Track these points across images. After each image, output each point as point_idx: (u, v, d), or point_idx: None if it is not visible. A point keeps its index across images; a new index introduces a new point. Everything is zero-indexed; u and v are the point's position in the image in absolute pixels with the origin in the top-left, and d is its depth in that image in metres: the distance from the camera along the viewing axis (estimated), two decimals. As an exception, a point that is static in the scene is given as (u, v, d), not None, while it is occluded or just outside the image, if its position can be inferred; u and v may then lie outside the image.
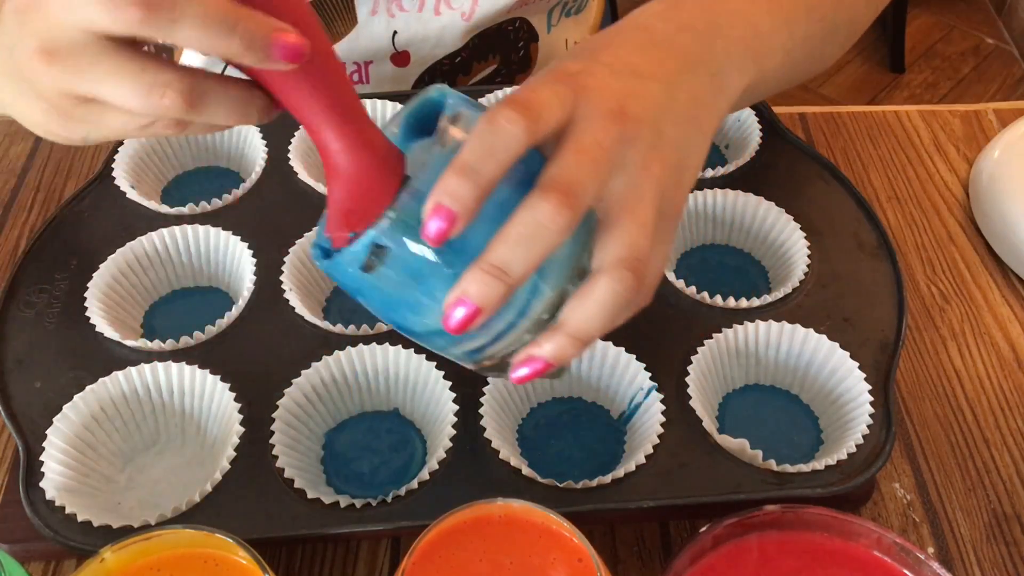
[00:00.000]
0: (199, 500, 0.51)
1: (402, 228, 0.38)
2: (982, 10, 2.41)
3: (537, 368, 0.42)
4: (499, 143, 0.38)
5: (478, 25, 0.76)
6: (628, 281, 0.41)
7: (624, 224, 0.41)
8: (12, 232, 0.70)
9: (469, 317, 0.39)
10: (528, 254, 0.39)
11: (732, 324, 0.58)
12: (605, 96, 0.42)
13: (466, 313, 0.39)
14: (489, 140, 0.38)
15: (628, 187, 0.42)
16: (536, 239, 0.38)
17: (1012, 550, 0.53)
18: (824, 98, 2.17)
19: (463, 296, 0.39)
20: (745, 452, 0.52)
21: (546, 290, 0.41)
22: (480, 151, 0.38)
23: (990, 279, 0.66)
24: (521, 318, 0.41)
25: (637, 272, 0.41)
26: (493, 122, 0.38)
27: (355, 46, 0.76)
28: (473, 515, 0.42)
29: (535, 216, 0.38)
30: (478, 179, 0.37)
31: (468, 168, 0.37)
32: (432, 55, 0.78)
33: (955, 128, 0.77)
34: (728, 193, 0.65)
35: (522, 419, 0.57)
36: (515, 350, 0.42)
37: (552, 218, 0.38)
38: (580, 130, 0.41)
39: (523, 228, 0.38)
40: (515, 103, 0.39)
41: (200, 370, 0.56)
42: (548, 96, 0.40)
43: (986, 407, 0.60)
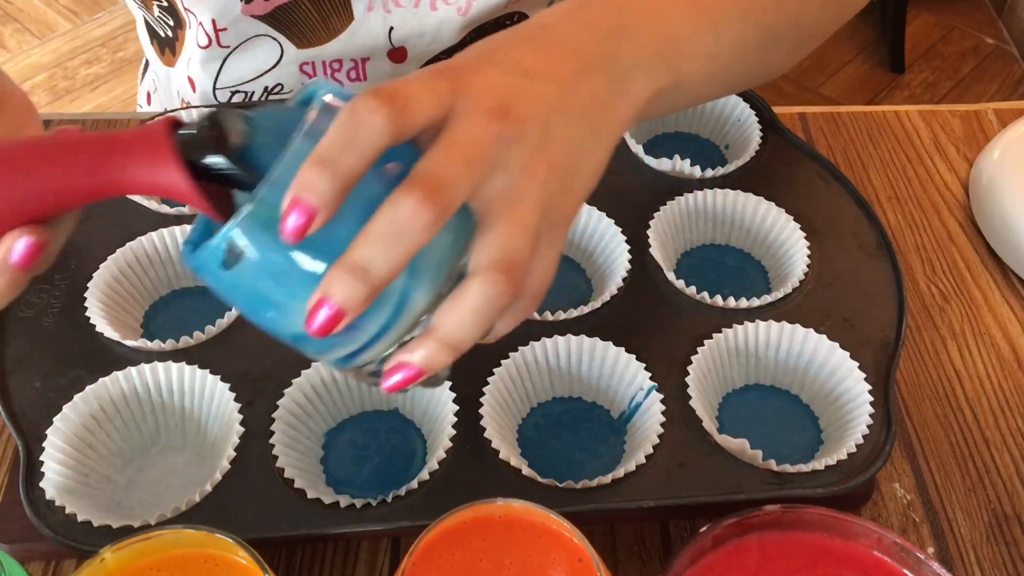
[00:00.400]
0: (199, 500, 0.51)
1: (260, 223, 0.36)
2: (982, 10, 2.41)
3: (408, 376, 0.40)
4: (360, 134, 0.36)
5: (475, 20, 0.76)
6: (501, 284, 0.39)
7: (500, 225, 0.40)
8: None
9: (331, 320, 0.37)
10: (391, 253, 0.37)
11: (732, 324, 0.58)
12: (488, 93, 0.40)
13: (328, 315, 0.37)
14: (349, 130, 0.36)
15: (508, 187, 0.40)
16: (399, 237, 0.36)
17: (1012, 550, 0.53)
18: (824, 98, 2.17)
19: (325, 297, 0.37)
20: (745, 452, 0.52)
21: (416, 294, 0.39)
22: (339, 142, 0.36)
23: (990, 279, 0.66)
24: (392, 323, 0.39)
25: (512, 275, 0.39)
26: (354, 112, 0.36)
27: (351, 43, 0.76)
28: (473, 515, 0.42)
29: (397, 212, 0.36)
30: (336, 171, 0.36)
31: (326, 160, 0.35)
32: (429, 51, 0.78)
33: (955, 128, 0.77)
34: (728, 193, 0.65)
35: (522, 419, 0.57)
36: (388, 357, 0.41)
37: (415, 214, 0.36)
38: (456, 126, 0.39)
39: (385, 225, 0.37)
40: (379, 93, 0.37)
41: (200, 370, 0.56)
42: (420, 88, 0.38)
43: (986, 407, 0.60)
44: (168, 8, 0.77)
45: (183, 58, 0.80)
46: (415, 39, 0.76)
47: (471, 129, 0.39)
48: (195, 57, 0.78)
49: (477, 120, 0.39)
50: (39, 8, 2.45)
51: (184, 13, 0.76)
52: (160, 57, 0.84)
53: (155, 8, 0.78)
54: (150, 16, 0.81)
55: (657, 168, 0.68)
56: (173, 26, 0.79)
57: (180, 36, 0.79)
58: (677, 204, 0.64)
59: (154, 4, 0.77)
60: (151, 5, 0.78)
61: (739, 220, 0.65)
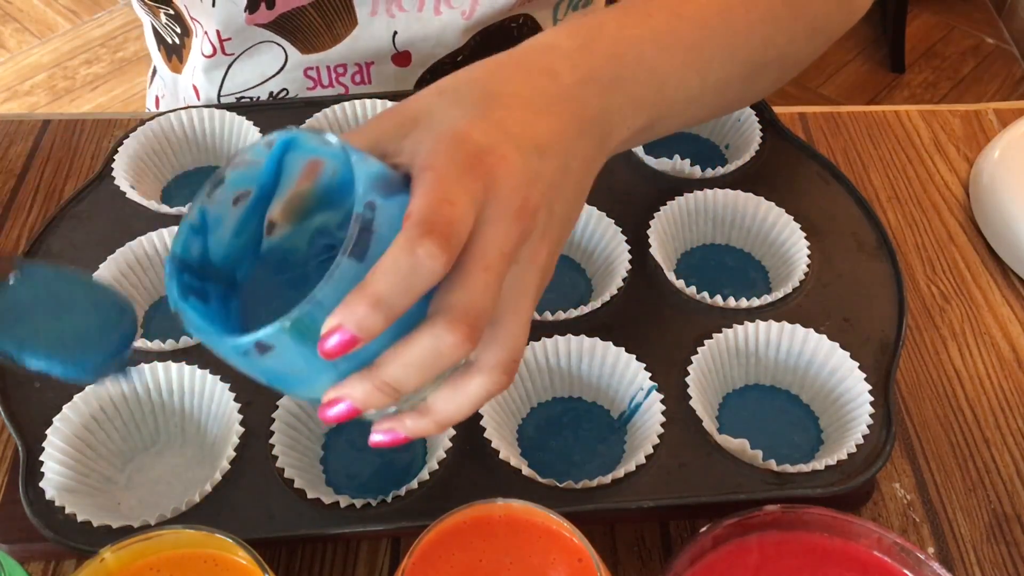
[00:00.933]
0: (199, 500, 0.51)
1: (294, 334, 0.37)
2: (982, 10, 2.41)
3: (396, 439, 0.42)
4: (417, 280, 0.37)
5: (479, 23, 0.76)
6: (503, 383, 0.41)
7: (508, 325, 0.41)
8: (12, 232, 0.70)
9: (347, 415, 0.39)
10: (422, 377, 0.39)
11: (732, 324, 0.58)
12: (513, 190, 0.41)
13: (344, 411, 0.39)
14: (407, 275, 0.36)
15: (516, 282, 0.41)
16: (433, 366, 0.38)
17: (1012, 550, 0.53)
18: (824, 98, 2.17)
19: (346, 397, 0.39)
20: (745, 452, 0.52)
21: None
22: (396, 284, 0.36)
23: (990, 279, 0.66)
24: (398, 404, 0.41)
25: (512, 372, 0.41)
26: (413, 254, 0.36)
27: (355, 47, 0.76)
28: (473, 515, 0.42)
29: (437, 346, 0.38)
30: (388, 312, 0.36)
31: (380, 300, 0.36)
32: (433, 54, 0.78)
33: (955, 128, 0.77)
34: (728, 193, 0.65)
35: (522, 419, 0.57)
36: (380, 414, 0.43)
37: (454, 350, 0.38)
38: (488, 239, 0.39)
39: (423, 355, 0.38)
40: (436, 231, 0.37)
41: (200, 370, 0.55)
42: (465, 207, 0.38)
43: (986, 407, 0.60)
44: (175, 16, 0.77)
45: (189, 66, 0.80)
46: (419, 43, 0.76)
47: (501, 242, 0.40)
48: (199, 66, 0.78)
49: (505, 229, 0.40)
50: (39, 8, 2.45)
51: (190, 22, 0.76)
52: (167, 63, 0.84)
53: (162, 15, 0.78)
54: (158, 23, 0.81)
55: (657, 168, 0.68)
56: (180, 33, 0.79)
57: (187, 44, 0.79)
58: (677, 204, 0.64)
59: (161, 12, 0.77)
60: (158, 12, 0.78)
61: (739, 220, 0.65)
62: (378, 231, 0.37)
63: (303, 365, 0.39)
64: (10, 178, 0.74)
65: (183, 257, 0.41)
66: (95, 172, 0.68)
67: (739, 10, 0.55)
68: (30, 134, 0.77)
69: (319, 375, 0.39)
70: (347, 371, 0.39)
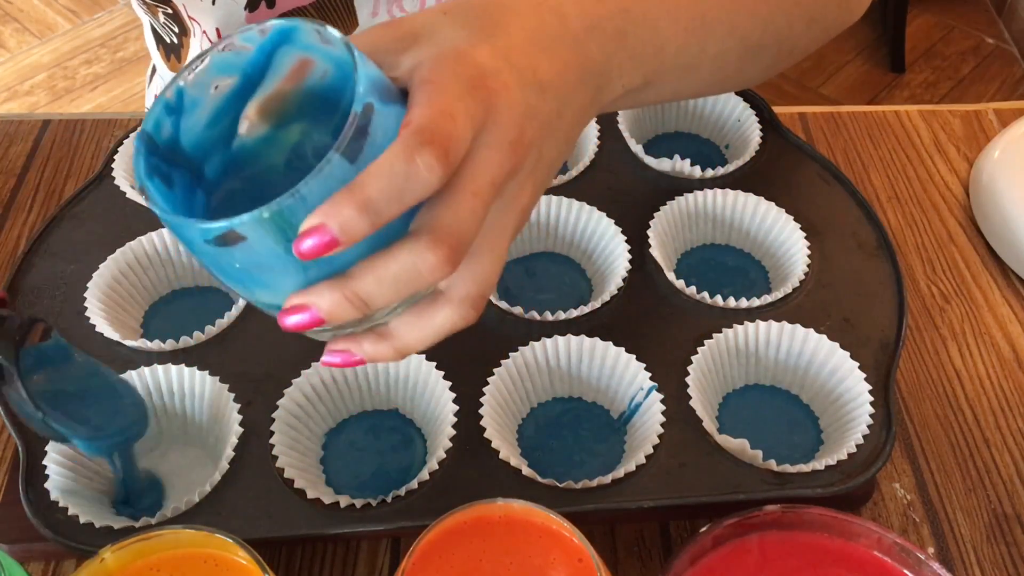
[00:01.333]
0: (199, 500, 0.51)
1: (271, 227, 0.35)
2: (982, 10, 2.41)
3: (351, 361, 0.41)
4: (411, 188, 0.35)
5: None
6: (470, 318, 0.41)
7: (483, 259, 0.40)
8: (12, 232, 0.70)
9: (308, 324, 0.38)
10: (395, 295, 0.38)
11: (732, 324, 0.58)
12: (512, 120, 0.40)
13: (307, 320, 0.37)
14: (401, 181, 0.35)
15: (496, 217, 0.41)
16: (409, 284, 0.37)
17: (1012, 550, 0.53)
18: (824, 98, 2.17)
19: (310, 305, 0.37)
20: (745, 452, 0.52)
21: None
22: (388, 190, 0.35)
23: (990, 279, 0.66)
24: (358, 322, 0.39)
25: (480, 308, 0.41)
26: (411, 161, 0.35)
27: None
28: (473, 515, 0.42)
29: (416, 263, 0.37)
30: (375, 218, 0.35)
31: (368, 203, 0.35)
32: None
33: (955, 128, 0.77)
34: (728, 193, 0.65)
35: (522, 419, 0.57)
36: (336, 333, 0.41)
37: (433, 270, 0.37)
38: (481, 164, 0.39)
39: (401, 270, 0.37)
40: (436, 142, 0.36)
41: (200, 372, 0.55)
42: (465, 125, 0.37)
43: (986, 407, 0.60)
44: (173, 16, 0.77)
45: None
46: None
47: (493, 170, 0.39)
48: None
49: (499, 157, 0.39)
50: (39, 8, 2.45)
51: (189, 21, 0.76)
52: (166, 63, 0.84)
53: (160, 15, 0.78)
54: (156, 22, 0.81)
55: (657, 168, 0.68)
56: (178, 33, 0.79)
57: (185, 43, 0.79)
58: (677, 204, 0.64)
59: (159, 11, 0.77)
60: (156, 12, 0.78)
61: (739, 220, 0.65)
62: (372, 135, 0.36)
63: (272, 264, 0.36)
64: (10, 178, 0.74)
65: (152, 135, 0.39)
66: (95, 172, 0.68)
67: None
68: (30, 134, 0.77)
69: (286, 277, 0.37)
70: (315, 279, 0.37)
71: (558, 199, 0.63)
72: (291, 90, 0.40)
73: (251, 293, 0.39)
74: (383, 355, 0.41)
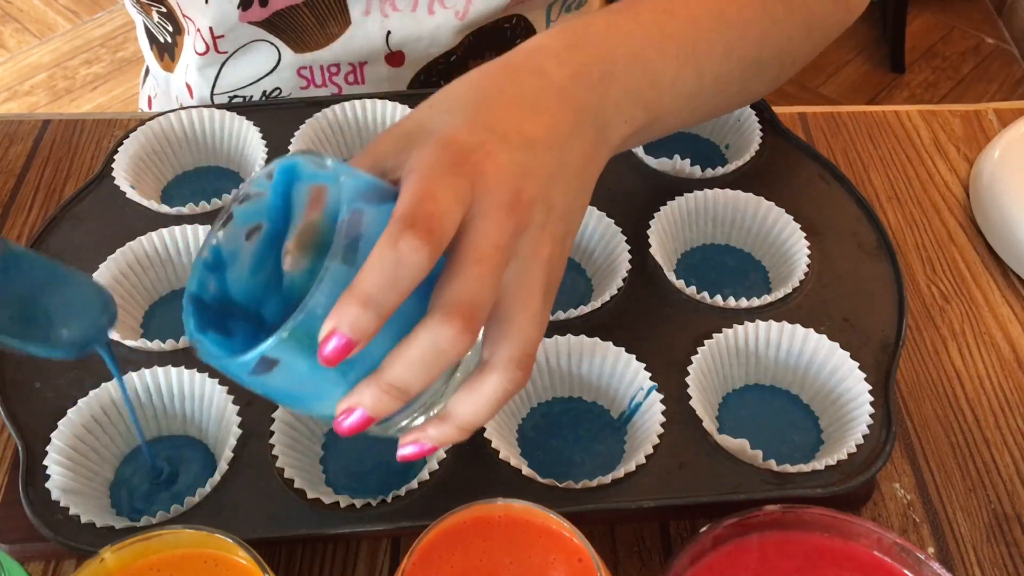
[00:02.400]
0: (199, 500, 0.51)
1: (294, 345, 0.37)
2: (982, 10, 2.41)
3: (424, 450, 0.43)
4: (403, 273, 0.37)
5: (473, 23, 0.76)
6: (519, 379, 0.41)
7: (517, 320, 0.41)
8: (12, 232, 0.70)
9: (361, 424, 0.39)
10: (427, 375, 0.39)
11: (732, 324, 0.58)
12: (502, 184, 0.41)
13: (359, 420, 0.39)
14: (392, 270, 0.37)
15: (520, 276, 0.41)
16: (436, 362, 0.38)
17: (1012, 550, 0.53)
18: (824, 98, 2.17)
19: (357, 405, 0.39)
20: (745, 452, 0.52)
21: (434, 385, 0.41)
22: (382, 281, 0.37)
23: (990, 279, 0.66)
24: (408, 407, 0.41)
25: (527, 368, 0.41)
26: (396, 248, 0.37)
27: (349, 47, 0.76)
28: (473, 515, 0.42)
29: (436, 341, 0.38)
30: (379, 310, 0.36)
31: (369, 298, 0.36)
32: (427, 54, 0.77)
33: (955, 128, 0.77)
34: (728, 193, 0.65)
35: (522, 419, 0.57)
36: (402, 428, 0.43)
37: (453, 343, 0.38)
38: (479, 232, 0.40)
39: (424, 351, 0.38)
40: (418, 225, 0.37)
41: (199, 373, 0.55)
42: (449, 203, 0.39)
43: (986, 407, 0.60)
44: (167, 14, 0.77)
45: (181, 64, 0.80)
46: (413, 43, 0.76)
47: (493, 234, 0.40)
48: (192, 64, 0.77)
49: (496, 221, 0.40)
50: (39, 8, 2.45)
51: (183, 20, 0.76)
52: (159, 62, 0.84)
53: (154, 14, 0.78)
54: (150, 22, 0.81)
55: (657, 168, 0.68)
56: (172, 32, 0.79)
57: (179, 42, 0.79)
58: (677, 204, 0.64)
59: (153, 10, 0.77)
60: (150, 11, 0.78)
61: (739, 220, 0.65)
62: (366, 235, 0.37)
63: (312, 377, 0.38)
64: (10, 178, 0.74)
65: (198, 295, 0.41)
66: (95, 172, 0.68)
67: (732, 8, 0.55)
68: (30, 134, 0.77)
69: (330, 387, 0.39)
70: (356, 380, 0.39)
71: (558, 199, 0.63)
72: (318, 218, 0.42)
73: (309, 408, 0.42)
74: (449, 436, 0.42)
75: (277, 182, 0.41)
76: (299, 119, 0.69)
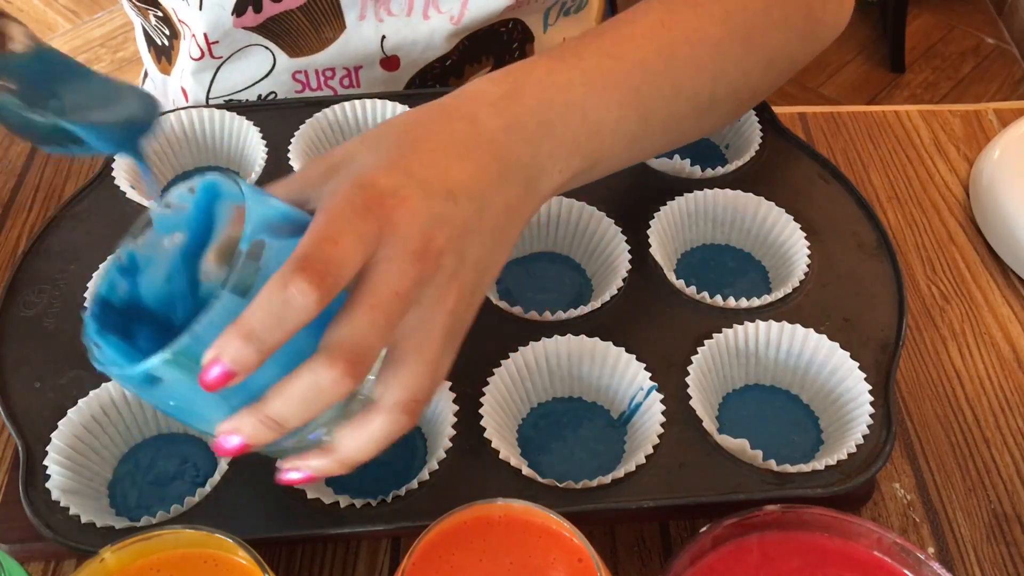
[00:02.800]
0: (199, 500, 0.51)
1: (177, 366, 0.38)
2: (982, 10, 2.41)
3: (302, 478, 0.43)
4: (288, 315, 0.37)
5: (467, 28, 0.76)
6: (404, 423, 0.42)
7: (410, 365, 0.41)
8: (12, 232, 0.70)
9: (238, 449, 0.40)
10: (306, 412, 0.39)
11: (732, 324, 0.58)
12: (412, 231, 0.41)
13: (237, 446, 0.40)
14: (278, 310, 0.37)
15: (421, 323, 0.42)
16: (316, 400, 0.39)
17: (1012, 550, 0.53)
18: (824, 98, 2.17)
19: (236, 432, 0.40)
20: (745, 452, 0.52)
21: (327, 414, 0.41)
22: (268, 320, 0.37)
23: (990, 279, 0.66)
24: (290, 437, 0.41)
25: (413, 413, 0.42)
26: (285, 290, 0.37)
27: (344, 51, 0.76)
28: (473, 515, 0.42)
29: (318, 380, 0.38)
30: (261, 346, 0.37)
31: (252, 334, 0.37)
32: (423, 58, 0.77)
33: (955, 128, 0.77)
34: (728, 193, 0.65)
35: (522, 419, 0.57)
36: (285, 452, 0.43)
37: (335, 385, 0.38)
38: (380, 277, 0.40)
39: (305, 390, 0.39)
40: (312, 268, 0.37)
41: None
42: (350, 247, 0.39)
43: (986, 407, 0.60)
44: (164, 18, 0.77)
45: (178, 68, 0.80)
46: (407, 47, 0.76)
47: (395, 280, 0.40)
48: (188, 68, 0.77)
49: (400, 267, 0.40)
50: (39, 8, 2.45)
51: (179, 25, 0.76)
52: (156, 65, 0.84)
53: (152, 17, 0.78)
54: (148, 24, 0.81)
55: (657, 168, 0.68)
56: (169, 35, 0.79)
57: (176, 46, 0.79)
58: (677, 204, 0.64)
59: (151, 13, 0.77)
60: (148, 14, 0.78)
61: (739, 220, 0.65)
62: (264, 269, 0.38)
63: (195, 398, 0.39)
64: (10, 178, 0.74)
65: (106, 297, 0.42)
66: (95, 172, 0.68)
67: (683, 48, 0.54)
68: (30, 134, 0.76)
69: (212, 409, 0.40)
70: (238, 406, 0.40)
71: (558, 199, 0.63)
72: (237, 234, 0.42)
73: (191, 424, 0.43)
74: (328, 469, 0.43)
75: (200, 198, 0.42)
76: (299, 119, 0.69)
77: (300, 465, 0.43)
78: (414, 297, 0.41)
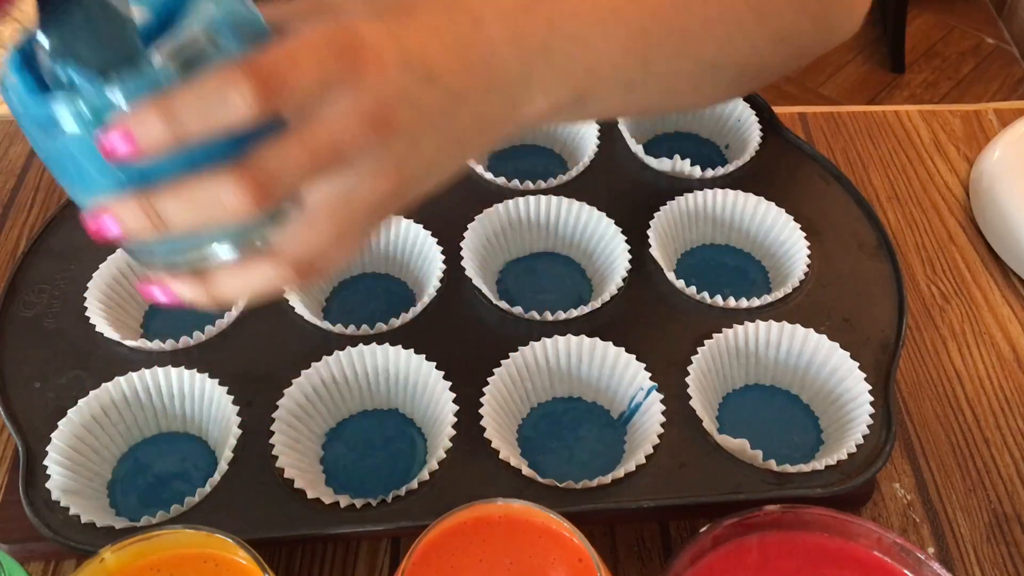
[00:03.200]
0: (199, 500, 0.51)
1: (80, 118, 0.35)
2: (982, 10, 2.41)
3: (168, 300, 0.41)
4: (218, 113, 0.34)
5: None
6: (290, 282, 0.40)
7: (319, 225, 0.39)
8: (12, 232, 0.70)
9: (107, 230, 0.37)
10: (192, 218, 0.36)
11: (732, 324, 0.58)
12: (375, 95, 0.38)
13: (109, 228, 0.37)
14: (210, 101, 0.34)
15: (345, 190, 0.39)
16: (208, 210, 0.36)
17: (1012, 550, 0.53)
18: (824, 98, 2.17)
19: (113, 212, 0.37)
20: (745, 452, 0.52)
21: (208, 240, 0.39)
22: (195, 105, 0.34)
23: (990, 279, 0.66)
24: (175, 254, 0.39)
25: (304, 275, 0.40)
26: (226, 85, 0.34)
27: None
28: (473, 515, 0.42)
29: (218, 191, 0.36)
30: (178, 131, 0.34)
31: (173, 114, 0.34)
32: None
33: (955, 128, 0.77)
34: (728, 193, 0.65)
35: (522, 419, 0.57)
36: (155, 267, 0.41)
37: (233, 202, 0.36)
38: (324, 122, 0.37)
39: (201, 194, 0.36)
40: (263, 80, 0.35)
41: (199, 373, 0.56)
42: (309, 77, 0.36)
43: (986, 407, 0.60)
44: None
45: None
46: None
47: (335, 130, 0.37)
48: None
49: (345, 122, 0.38)
50: None
51: None
52: None
53: None
54: None
55: (657, 168, 0.68)
56: None
57: None
58: (677, 204, 0.64)
59: None
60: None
61: (739, 220, 0.65)
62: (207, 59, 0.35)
63: (86, 162, 0.36)
64: (10, 178, 0.74)
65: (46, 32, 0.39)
66: (95, 172, 0.68)
67: (696, 4, 0.53)
68: (30, 134, 0.77)
69: (99, 181, 0.37)
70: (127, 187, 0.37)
71: (558, 199, 0.63)
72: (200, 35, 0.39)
73: (75, 193, 0.39)
74: (197, 299, 0.40)
75: None
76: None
77: (171, 287, 0.40)
78: (348, 158, 0.38)
